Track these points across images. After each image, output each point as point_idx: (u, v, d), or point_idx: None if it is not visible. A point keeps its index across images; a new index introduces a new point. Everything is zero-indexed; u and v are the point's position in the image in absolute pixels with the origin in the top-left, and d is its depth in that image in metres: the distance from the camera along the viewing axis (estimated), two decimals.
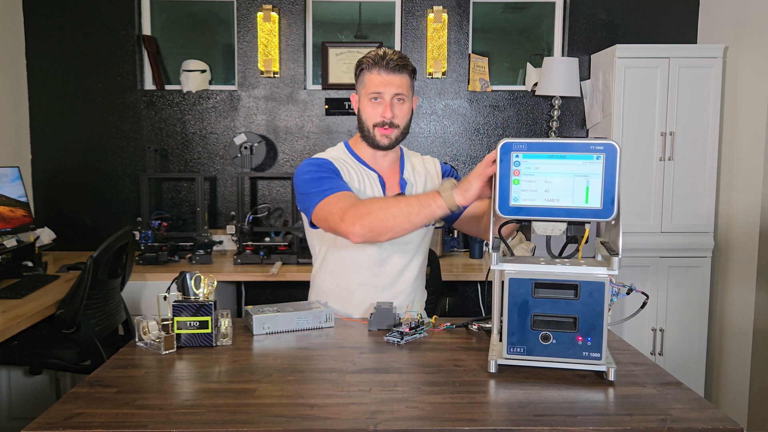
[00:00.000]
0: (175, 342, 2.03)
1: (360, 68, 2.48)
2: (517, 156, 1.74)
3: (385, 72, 2.41)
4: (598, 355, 1.76)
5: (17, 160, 4.75)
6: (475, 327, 2.25)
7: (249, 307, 2.29)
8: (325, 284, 2.58)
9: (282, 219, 5.01)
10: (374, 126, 2.45)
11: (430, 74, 4.94)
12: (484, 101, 5.00)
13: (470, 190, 2.00)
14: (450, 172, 2.69)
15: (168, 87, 5.04)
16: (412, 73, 2.48)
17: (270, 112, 4.97)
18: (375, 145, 2.48)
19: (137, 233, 4.39)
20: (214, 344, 2.07)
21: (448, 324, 2.31)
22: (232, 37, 5.05)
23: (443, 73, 4.95)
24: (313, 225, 2.47)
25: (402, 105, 2.46)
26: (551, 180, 1.73)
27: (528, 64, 5.07)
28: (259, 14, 4.86)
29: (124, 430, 1.47)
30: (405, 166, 2.61)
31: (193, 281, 2.08)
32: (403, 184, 2.55)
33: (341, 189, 2.33)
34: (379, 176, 2.53)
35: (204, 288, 2.08)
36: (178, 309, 2.04)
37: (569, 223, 1.79)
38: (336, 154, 2.58)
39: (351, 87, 4.95)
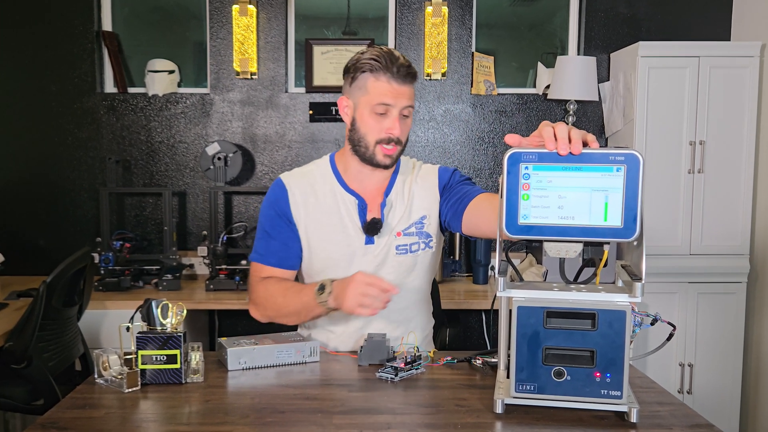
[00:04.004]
0: (139, 379, 2.03)
1: (361, 70, 2.38)
2: (526, 168, 1.75)
3: (395, 81, 2.35)
4: (618, 393, 1.76)
5: None
6: (479, 362, 2.25)
7: (223, 339, 2.29)
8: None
9: None
10: (377, 143, 2.39)
11: (428, 75, 4.96)
12: (490, 106, 5.02)
13: (342, 308, 2.21)
14: (451, 178, 2.59)
15: (131, 90, 5.05)
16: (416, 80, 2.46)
17: (247, 118, 4.99)
18: (374, 164, 2.44)
19: (96, 255, 4.39)
20: (183, 381, 2.07)
21: (449, 358, 2.31)
22: (204, 33, 5.06)
23: (443, 74, 4.97)
24: None
25: (406, 119, 2.43)
26: (565, 195, 1.74)
27: (539, 63, 5.10)
28: (235, 7, 4.88)
29: None
30: (395, 184, 2.56)
31: (159, 310, 2.08)
32: (383, 205, 2.52)
33: (263, 260, 2.56)
34: (360, 199, 2.50)
35: (172, 318, 2.08)
36: (142, 341, 2.04)
37: (586, 243, 1.80)
38: (311, 170, 2.60)
39: (337, 90, 4.93)
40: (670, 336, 1.98)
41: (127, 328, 2.08)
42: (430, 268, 2.62)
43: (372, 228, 2.47)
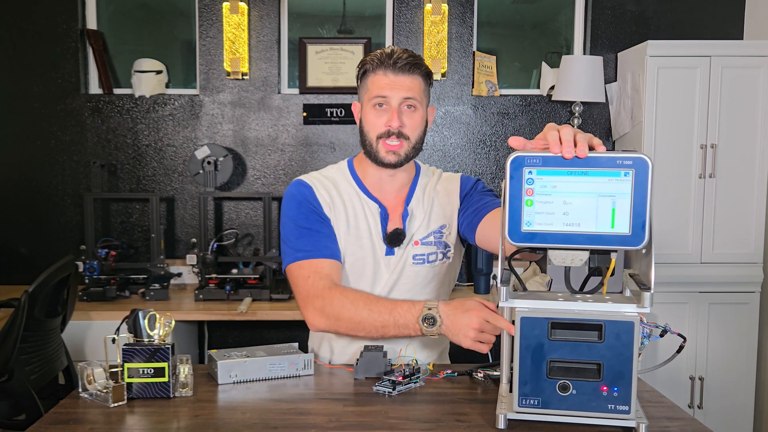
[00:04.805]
0: (125, 393, 2.02)
1: (363, 70, 2.44)
2: (530, 172, 1.74)
3: (392, 72, 2.36)
4: (626, 408, 1.76)
5: None
6: (480, 375, 2.25)
7: (213, 352, 2.29)
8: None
9: (252, 247, 5.01)
10: (378, 138, 2.39)
11: None
12: (491, 107, 5.02)
13: (456, 342, 2.17)
14: (473, 187, 2.58)
15: (117, 91, 5.05)
16: (427, 76, 2.44)
17: (238, 120, 4.99)
18: (379, 162, 2.43)
19: (80, 264, 4.38)
20: (171, 395, 2.06)
21: (449, 371, 2.30)
22: (193, 31, 5.07)
23: (443, 75, 4.98)
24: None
25: (413, 113, 2.41)
26: (571, 201, 1.74)
27: (543, 63, 5.10)
28: (225, 5, 4.89)
29: None
30: (415, 191, 2.56)
31: (146, 321, 2.08)
32: (404, 215, 2.51)
33: (317, 254, 2.41)
34: (382, 207, 2.50)
35: (160, 329, 2.08)
36: (129, 354, 2.04)
37: (592, 251, 1.80)
38: (331, 175, 2.56)
39: (333, 91, 4.97)
40: (681, 348, 1.98)
41: (113, 340, 2.08)
42: (447, 279, 2.64)
43: (395, 239, 2.47)
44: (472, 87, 5.02)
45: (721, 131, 4.46)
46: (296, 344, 2.39)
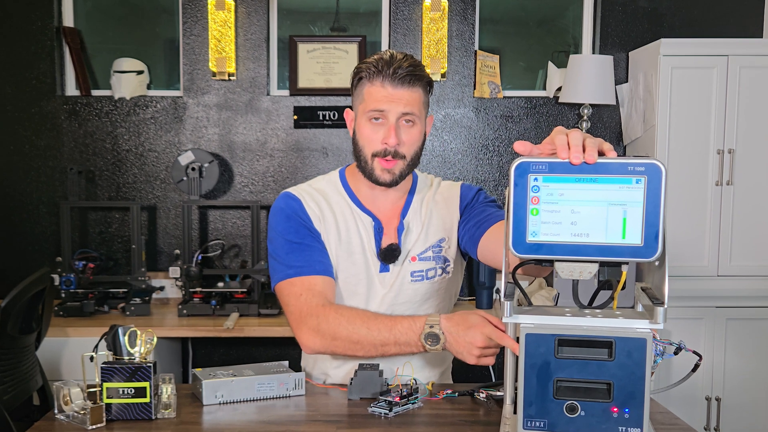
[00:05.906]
0: (104, 414, 2.02)
1: (358, 77, 2.39)
2: (536, 179, 1.74)
3: (391, 84, 2.32)
4: (638, 430, 1.75)
5: None
6: (482, 395, 2.25)
7: (198, 371, 2.29)
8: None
9: (239, 259, 5.01)
10: (373, 156, 2.37)
11: None
12: (495, 110, 5.03)
13: (460, 358, 2.18)
14: (474, 198, 2.57)
15: (95, 92, 5.05)
16: (428, 86, 2.41)
17: (224, 124, 4.99)
18: (374, 180, 2.41)
19: (56, 277, 4.38)
20: (153, 417, 2.06)
21: (449, 392, 2.31)
22: (176, 29, 5.07)
23: (443, 75, 4.98)
24: None
25: (410, 128, 2.37)
26: (579, 210, 1.73)
27: (549, 63, 5.11)
28: (211, 1, 4.88)
29: None
30: (412, 203, 2.54)
31: (126, 337, 2.08)
32: (400, 229, 2.50)
33: (309, 270, 2.40)
34: (376, 221, 2.49)
35: (141, 346, 2.08)
36: (108, 373, 2.04)
37: (601, 263, 1.79)
38: (321, 186, 2.55)
39: (325, 92, 4.96)
40: (696, 367, 1.98)
41: (91, 358, 2.08)
42: (447, 294, 2.62)
43: (389, 255, 2.46)
44: (474, 88, 5.02)
45: (739, 135, 4.46)
46: (286, 362, 2.39)
